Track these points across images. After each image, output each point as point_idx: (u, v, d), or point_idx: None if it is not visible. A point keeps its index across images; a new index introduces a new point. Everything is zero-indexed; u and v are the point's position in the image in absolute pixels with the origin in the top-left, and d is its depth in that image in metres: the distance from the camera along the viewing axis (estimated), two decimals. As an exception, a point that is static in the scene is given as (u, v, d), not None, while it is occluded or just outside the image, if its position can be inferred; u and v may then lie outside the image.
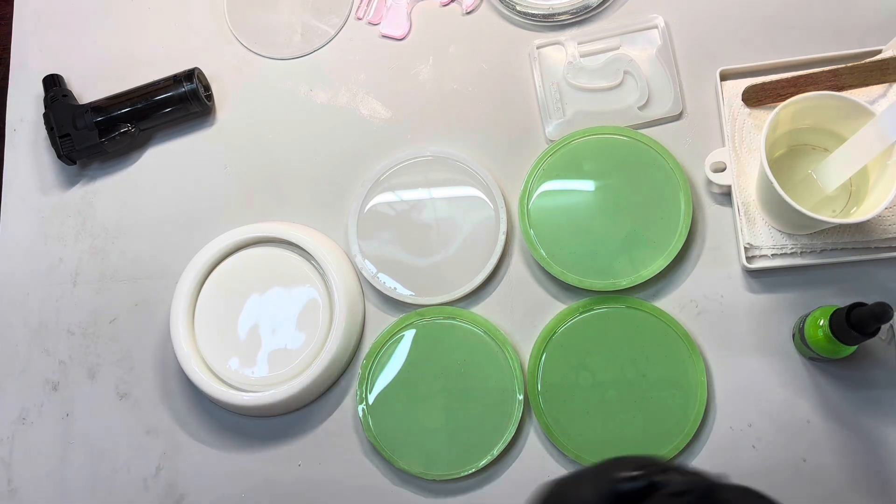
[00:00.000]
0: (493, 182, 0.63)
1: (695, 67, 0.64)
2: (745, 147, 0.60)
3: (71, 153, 0.69)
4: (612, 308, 0.59)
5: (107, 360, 0.67)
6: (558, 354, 0.59)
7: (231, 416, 0.64)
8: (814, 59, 0.61)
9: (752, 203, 0.59)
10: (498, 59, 0.68)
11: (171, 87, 0.68)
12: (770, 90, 0.60)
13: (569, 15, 0.67)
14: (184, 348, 0.62)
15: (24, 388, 0.68)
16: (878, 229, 0.56)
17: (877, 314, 0.46)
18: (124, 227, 0.70)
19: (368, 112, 0.69)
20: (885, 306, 0.46)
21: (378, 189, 0.65)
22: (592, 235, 0.60)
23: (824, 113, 0.55)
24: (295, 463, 0.62)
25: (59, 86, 0.72)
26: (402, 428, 0.60)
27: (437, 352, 0.61)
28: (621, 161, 0.62)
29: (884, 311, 0.46)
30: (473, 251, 0.63)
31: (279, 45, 0.72)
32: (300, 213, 0.67)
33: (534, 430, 0.60)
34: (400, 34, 0.70)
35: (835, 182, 0.54)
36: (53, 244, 0.71)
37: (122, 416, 0.66)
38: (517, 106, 0.66)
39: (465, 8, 0.69)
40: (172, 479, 0.64)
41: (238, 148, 0.70)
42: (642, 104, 0.64)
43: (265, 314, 0.63)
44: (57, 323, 0.69)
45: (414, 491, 0.60)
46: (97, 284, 0.69)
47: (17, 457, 0.66)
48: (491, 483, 0.59)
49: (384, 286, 0.63)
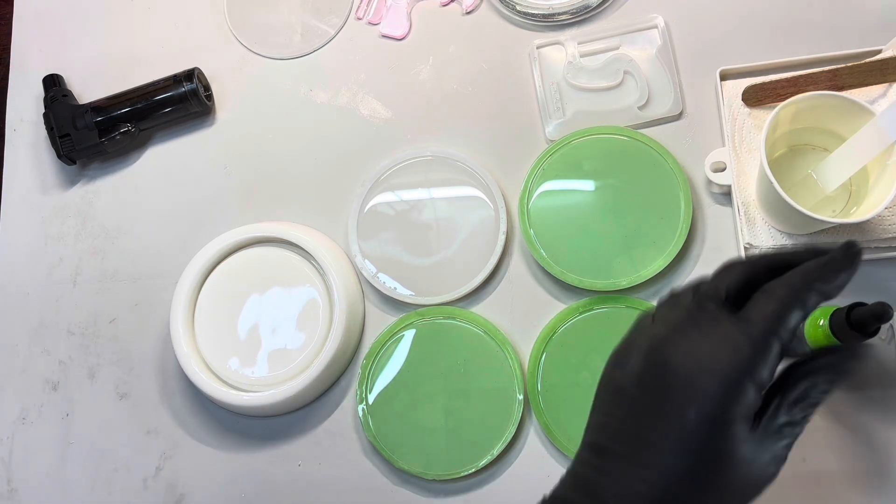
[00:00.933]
0: (493, 182, 0.63)
1: (695, 67, 0.64)
2: (745, 147, 0.60)
3: (71, 153, 0.69)
4: (612, 308, 0.59)
5: (107, 360, 0.67)
6: (558, 354, 0.59)
7: (231, 416, 0.64)
8: (814, 59, 0.61)
9: (752, 203, 0.59)
10: (498, 59, 0.68)
11: (171, 87, 0.68)
12: (770, 90, 0.60)
13: (569, 15, 0.67)
14: (184, 348, 0.62)
15: (24, 388, 0.68)
16: (878, 229, 0.56)
17: (877, 314, 0.46)
18: (124, 227, 0.70)
19: (368, 112, 0.69)
20: (885, 306, 0.46)
21: (378, 189, 0.65)
22: (592, 235, 0.60)
23: (824, 113, 0.55)
24: (295, 463, 0.62)
25: (59, 86, 0.72)
26: (402, 428, 0.60)
27: (437, 352, 0.61)
28: (621, 161, 0.62)
29: (884, 311, 0.46)
30: (473, 251, 0.63)
31: (279, 45, 0.72)
32: (300, 213, 0.67)
33: (534, 430, 0.60)
34: (400, 34, 0.70)
35: (835, 182, 0.54)
36: (53, 244, 0.71)
37: (122, 416, 0.66)
38: (517, 106, 0.66)
39: (465, 8, 0.69)
40: (172, 479, 0.64)
41: (238, 148, 0.70)
42: (642, 104, 0.64)
43: (265, 314, 0.63)
44: (57, 323, 0.69)
45: (414, 491, 0.60)
46: (97, 284, 0.69)
47: (17, 457, 0.66)
48: (491, 483, 0.59)
49: (384, 286, 0.63)
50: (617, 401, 0.40)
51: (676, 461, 0.37)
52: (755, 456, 0.37)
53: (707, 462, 0.36)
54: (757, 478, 0.37)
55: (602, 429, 0.40)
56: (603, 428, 0.40)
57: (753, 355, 0.36)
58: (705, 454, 0.36)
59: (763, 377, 0.36)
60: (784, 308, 0.37)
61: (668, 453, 0.37)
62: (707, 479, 0.37)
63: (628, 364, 0.40)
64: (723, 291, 0.39)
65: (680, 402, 0.37)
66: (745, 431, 0.36)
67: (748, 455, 0.37)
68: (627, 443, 0.38)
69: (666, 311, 0.41)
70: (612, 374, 0.41)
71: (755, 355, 0.36)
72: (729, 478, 0.36)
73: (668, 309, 0.41)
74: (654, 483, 0.37)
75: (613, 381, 0.41)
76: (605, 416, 0.41)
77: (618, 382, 0.40)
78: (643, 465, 0.37)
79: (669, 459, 0.37)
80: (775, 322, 0.37)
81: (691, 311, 0.39)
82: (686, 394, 0.37)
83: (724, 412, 0.36)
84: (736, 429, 0.36)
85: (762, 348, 0.36)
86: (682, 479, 0.37)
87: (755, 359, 0.36)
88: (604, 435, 0.40)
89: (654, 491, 0.37)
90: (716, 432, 0.36)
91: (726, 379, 0.36)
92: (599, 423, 0.41)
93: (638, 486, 0.37)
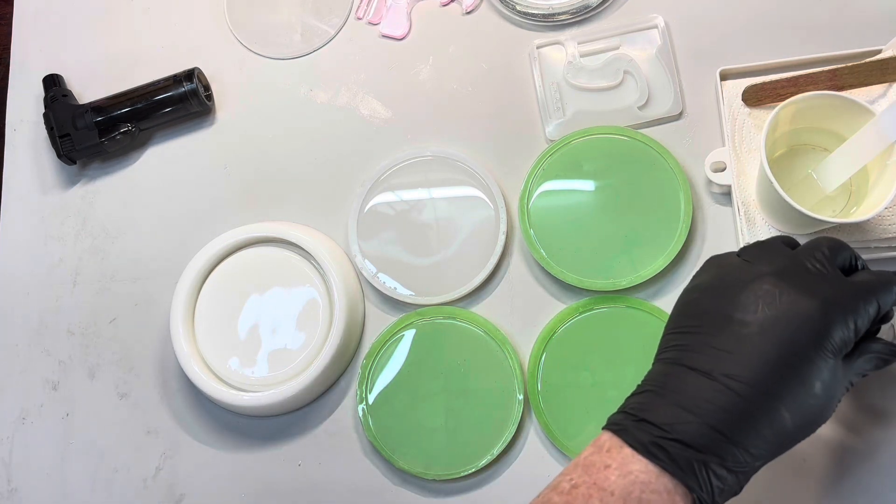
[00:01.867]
0: (493, 182, 0.63)
1: (695, 67, 0.64)
2: (745, 147, 0.60)
3: (71, 153, 0.69)
4: (612, 308, 0.59)
5: (107, 360, 0.67)
6: (558, 354, 0.59)
7: (231, 416, 0.64)
8: (814, 59, 0.61)
9: (752, 203, 0.59)
10: (498, 59, 0.68)
11: (171, 86, 0.68)
12: (770, 90, 0.60)
13: (569, 15, 0.67)
14: (184, 348, 0.62)
15: (24, 388, 0.68)
16: (878, 229, 0.56)
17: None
18: (124, 227, 0.70)
19: (368, 112, 0.69)
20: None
21: (378, 189, 0.65)
22: (592, 235, 0.60)
23: (824, 113, 0.55)
24: (295, 463, 0.62)
25: (59, 86, 0.72)
26: (402, 428, 0.60)
27: (437, 352, 0.61)
28: (621, 161, 0.62)
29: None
30: (473, 251, 0.63)
31: (279, 45, 0.72)
32: (300, 213, 0.67)
33: (534, 430, 0.60)
34: (400, 34, 0.70)
35: (835, 182, 0.54)
36: (53, 244, 0.71)
37: (122, 416, 0.66)
38: (517, 106, 0.66)
39: (465, 8, 0.69)
40: (172, 479, 0.64)
41: (238, 148, 0.70)
42: (642, 104, 0.64)
43: (265, 314, 0.63)
44: (57, 323, 0.69)
45: (414, 491, 0.60)
46: (97, 284, 0.69)
47: (17, 457, 0.66)
48: (491, 483, 0.59)
49: (384, 286, 0.63)
50: (716, 325, 0.42)
51: (776, 375, 0.40)
52: (833, 385, 0.41)
53: (801, 379, 0.40)
54: (827, 405, 0.42)
55: (691, 348, 0.43)
56: (692, 347, 0.43)
57: (855, 302, 0.42)
58: (802, 371, 0.40)
59: (860, 324, 0.42)
60: (887, 284, 0.43)
61: (771, 369, 0.40)
62: (797, 393, 0.40)
63: (726, 294, 0.43)
64: (835, 254, 0.44)
65: (793, 327, 0.41)
66: (834, 360, 0.41)
67: (829, 381, 0.41)
68: (733, 361, 0.41)
69: (762, 253, 0.45)
70: (700, 301, 0.45)
71: (857, 302, 0.42)
72: (810, 397, 0.40)
73: (765, 252, 0.45)
74: (748, 395, 0.40)
75: (706, 308, 0.44)
76: (693, 337, 0.43)
77: (713, 309, 0.43)
78: (743, 382, 0.40)
79: (771, 374, 0.40)
80: (879, 289, 0.43)
81: (801, 258, 0.44)
82: (800, 320, 0.41)
83: (828, 339, 0.41)
84: (828, 355, 0.41)
85: (865, 299, 0.42)
86: (777, 394, 0.40)
87: (856, 305, 0.41)
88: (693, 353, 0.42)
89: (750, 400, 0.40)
90: (815, 353, 0.40)
91: (837, 311, 0.41)
92: (686, 342, 0.43)
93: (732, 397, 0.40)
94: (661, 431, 0.40)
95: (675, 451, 0.39)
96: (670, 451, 0.39)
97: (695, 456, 0.39)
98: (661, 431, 0.40)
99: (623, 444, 0.41)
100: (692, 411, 0.40)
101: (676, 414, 0.40)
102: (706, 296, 0.45)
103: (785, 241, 0.47)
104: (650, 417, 0.41)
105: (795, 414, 0.40)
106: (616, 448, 0.41)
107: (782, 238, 0.48)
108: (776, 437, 0.40)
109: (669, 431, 0.40)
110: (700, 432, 0.39)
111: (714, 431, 0.39)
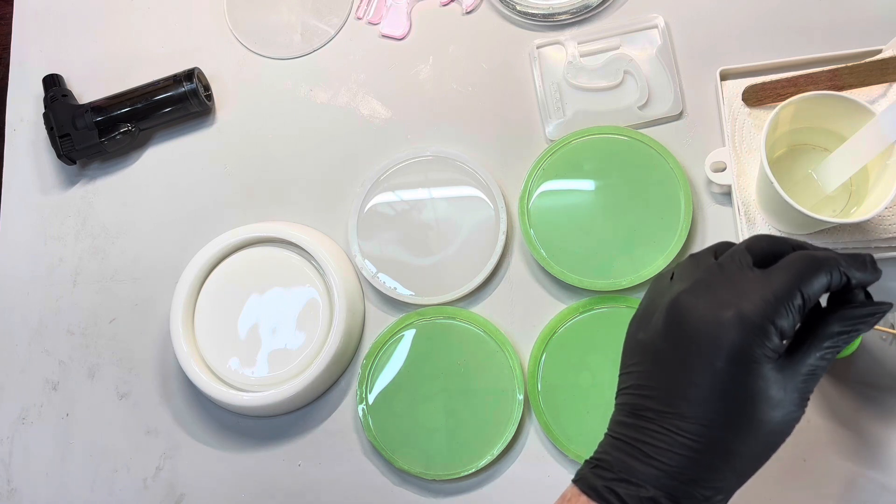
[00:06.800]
0: (493, 182, 0.63)
1: (695, 67, 0.64)
2: (745, 147, 0.60)
3: (71, 153, 0.69)
4: (612, 308, 0.59)
5: (107, 360, 0.67)
6: (558, 354, 0.59)
7: (231, 416, 0.64)
8: (814, 59, 0.61)
9: (752, 203, 0.59)
10: (498, 59, 0.68)
11: (171, 86, 0.68)
12: (770, 90, 0.60)
13: (569, 15, 0.67)
14: (184, 348, 0.62)
15: (24, 388, 0.68)
16: (878, 229, 0.56)
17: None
18: (124, 227, 0.70)
19: (368, 112, 0.69)
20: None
21: (378, 189, 0.65)
22: (592, 235, 0.60)
23: (824, 113, 0.55)
24: (295, 463, 0.62)
25: (59, 86, 0.72)
26: (402, 428, 0.60)
27: (437, 352, 0.61)
28: (621, 161, 0.62)
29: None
30: (473, 251, 0.63)
31: (279, 45, 0.72)
32: (300, 213, 0.67)
33: (534, 430, 0.60)
34: (400, 34, 0.70)
35: (835, 182, 0.54)
36: (53, 244, 0.71)
37: (122, 416, 0.66)
38: (517, 106, 0.66)
39: (465, 8, 0.69)
40: (172, 479, 0.64)
41: (238, 147, 0.70)
42: (642, 104, 0.64)
43: (265, 314, 0.63)
44: (57, 323, 0.69)
45: (414, 491, 0.60)
46: (97, 284, 0.69)
47: (17, 457, 0.66)
48: (491, 483, 0.59)
49: (384, 286, 0.63)
50: (646, 359, 0.41)
51: (712, 407, 0.38)
52: (783, 395, 0.38)
53: (740, 404, 0.38)
54: (785, 418, 0.39)
55: (635, 388, 0.41)
56: (635, 387, 0.41)
57: (775, 301, 0.38)
58: (738, 396, 0.38)
59: (785, 325, 0.38)
60: (808, 269, 0.39)
61: (704, 402, 0.38)
62: (742, 421, 0.38)
63: (651, 321, 0.42)
64: (748, 254, 0.41)
65: (708, 348, 0.38)
66: (771, 371, 0.38)
67: (776, 394, 0.38)
68: (662, 398, 0.39)
69: (686, 269, 0.43)
70: (636, 334, 0.43)
71: (776, 301, 0.38)
72: (761, 418, 0.38)
73: (689, 268, 0.43)
74: (694, 432, 0.38)
75: (640, 342, 0.42)
76: (635, 375, 0.42)
77: (644, 341, 0.42)
78: (681, 417, 0.39)
79: (706, 407, 0.38)
80: (798, 278, 0.39)
81: (714, 267, 0.41)
82: (713, 340, 0.38)
83: (750, 352, 0.38)
84: (763, 369, 0.38)
85: (784, 296, 0.38)
86: (719, 424, 0.38)
87: (777, 305, 0.38)
88: (637, 394, 0.41)
89: (695, 439, 0.38)
90: (744, 373, 0.38)
91: (750, 320, 0.38)
92: (631, 383, 0.42)
93: (679, 438, 0.38)
94: (612, 475, 0.40)
95: (624, 493, 0.39)
96: (620, 492, 0.39)
97: (645, 495, 0.39)
98: (612, 475, 0.40)
99: (580, 493, 0.41)
100: (642, 457, 0.40)
101: (626, 458, 0.40)
102: (639, 327, 0.43)
103: (720, 247, 0.44)
104: (604, 464, 0.41)
105: (748, 438, 0.38)
106: (575, 497, 0.41)
107: (717, 245, 0.45)
108: (736, 468, 0.39)
109: (619, 473, 0.40)
110: (650, 474, 0.39)
111: (664, 474, 0.39)
